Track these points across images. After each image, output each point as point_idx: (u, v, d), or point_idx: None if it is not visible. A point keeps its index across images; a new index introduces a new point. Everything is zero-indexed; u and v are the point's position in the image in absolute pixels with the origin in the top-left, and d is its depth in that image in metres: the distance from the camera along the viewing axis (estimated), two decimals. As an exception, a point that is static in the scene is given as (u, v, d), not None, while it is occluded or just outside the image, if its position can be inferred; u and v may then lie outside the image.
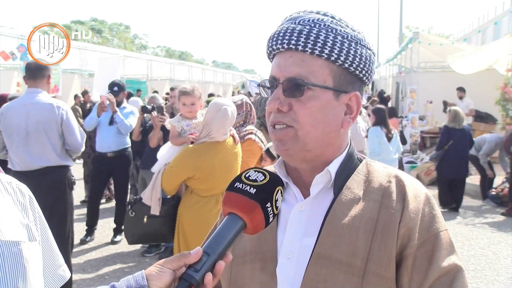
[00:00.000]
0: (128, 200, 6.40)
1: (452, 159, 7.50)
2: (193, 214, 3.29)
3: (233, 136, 3.39)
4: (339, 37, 1.02)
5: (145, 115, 6.12)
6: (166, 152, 3.60)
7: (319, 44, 1.00)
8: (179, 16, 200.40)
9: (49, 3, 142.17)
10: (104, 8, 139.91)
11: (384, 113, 6.48)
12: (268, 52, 1.09)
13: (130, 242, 3.54)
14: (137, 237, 3.50)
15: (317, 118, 1.02)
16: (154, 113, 5.69)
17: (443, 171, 7.75)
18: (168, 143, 3.66)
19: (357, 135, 7.11)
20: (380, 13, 66.35)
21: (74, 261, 5.14)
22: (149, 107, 5.83)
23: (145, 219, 3.38)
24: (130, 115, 6.09)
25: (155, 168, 3.53)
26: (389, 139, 6.27)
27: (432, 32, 36.95)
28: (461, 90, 11.96)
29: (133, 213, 3.41)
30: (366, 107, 10.91)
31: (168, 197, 3.45)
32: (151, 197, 3.35)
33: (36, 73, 4.02)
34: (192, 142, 3.36)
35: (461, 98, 11.94)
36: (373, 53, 1.08)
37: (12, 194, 1.06)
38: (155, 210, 3.35)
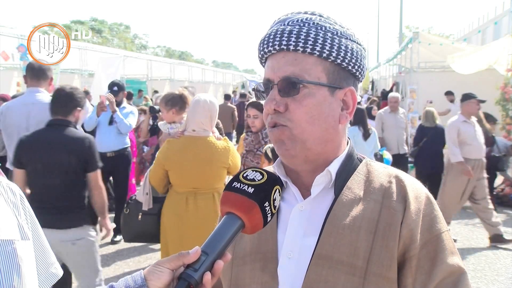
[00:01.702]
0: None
1: (426, 155, 7.87)
2: (167, 211, 3.34)
3: (217, 137, 3.42)
4: (329, 34, 1.02)
5: None
6: None
7: (310, 42, 1.01)
8: (179, 16, 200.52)
9: (49, 3, 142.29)
10: (104, 8, 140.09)
11: (363, 113, 6.54)
12: (260, 56, 1.09)
13: (127, 240, 3.58)
14: (133, 235, 3.55)
15: (313, 115, 1.02)
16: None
17: (419, 167, 8.02)
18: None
19: (474, 140, 6.16)
20: (380, 13, 66.42)
21: (74, 261, 5.13)
22: (156, 107, 5.85)
23: (139, 217, 3.43)
24: (130, 115, 6.10)
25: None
26: (366, 138, 6.34)
27: (432, 32, 36.95)
28: (449, 94, 11.97)
29: (128, 210, 3.47)
30: (371, 108, 10.91)
31: (162, 195, 3.48)
32: (143, 193, 3.43)
33: (39, 73, 4.00)
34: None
35: (452, 101, 11.93)
36: (363, 48, 1.08)
37: (3, 193, 1.06)
38: (145, 206, 3.41)
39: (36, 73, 4.02)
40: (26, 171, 3.23)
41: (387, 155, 7.48)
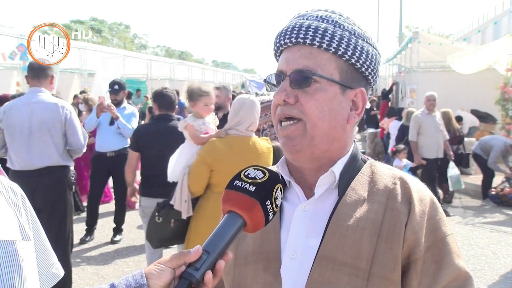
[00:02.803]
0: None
1: (408, 152, 8.15)
2: (204, 211, 3.21)
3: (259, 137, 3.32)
4: (347, 33, 1.03)
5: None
6: (183, 156, 3.47)
7: (326, 38, 1.01)
8: (179, 16, 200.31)
9: (49, 3, 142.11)
10: (104, 7, 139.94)
11: None
12: (276, 48, 1.09)
13: (156, 246, 3.48)
14: (163, 241, 3.42)
15: (324, 110, 1.01)
16: None
17: None
18: (178, 151, 3.54)
19: None
20: (380, 13, 66.37)
21: (73, 260, 5.13)
22: None
23: (172, 224, 3.30)
24: (132, 117, 6.11)
25: (173, 177, 3.41)
26: None
27: (431, 32, 36.93)
28: (459, 119, 11.90)
29: (160, 218, 3.32)
30: (370, 109, 10.96)
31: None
32: (181, 201, 3.24)
33: (39, 72, 4.02)
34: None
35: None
36: (379, 53, 1.08)
37: (5, 193, 1.05)
38: (184, 214, 3.25)
39: (36, 73, 4.03)
40: (142, 154, 4.18)
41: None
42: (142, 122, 6.82)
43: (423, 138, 7.45)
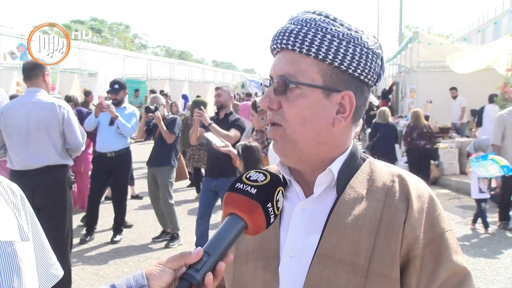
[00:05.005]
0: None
1: (380, 148, 8.60)
2: None
3: None
4: (328, 36, 1.01)
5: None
6: None
7: (306, 43, 1.01)
8: (179, 16, 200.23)
9: (49, 3, 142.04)
10: (104, 7, 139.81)
11: None
12: (271, 52, 1.11)
13: None
14: None
15: (304, 116, 1.02)
16: (157, 113, 5.74)
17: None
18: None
19: None
20: (380, 13, 66.39)
21: (73, 260, 5.14)
22: (152, 107, 5.87)
23: None
24: (132, 117, 6.11)
25: None
26: None
27: (431, 32, 36.91)
28: (454, 89, 12.42)
29: None
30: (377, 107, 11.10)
31: None
32: None
33: (29, 73, 4.04)
34: None
35: (455, 97, 12.44)
36: (371, 51, 1.04)
37: (4, 193, 1.05)
38: None
39: (26, 74, 4.06)
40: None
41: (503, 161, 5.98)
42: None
43: (507, 142, 6.27)
